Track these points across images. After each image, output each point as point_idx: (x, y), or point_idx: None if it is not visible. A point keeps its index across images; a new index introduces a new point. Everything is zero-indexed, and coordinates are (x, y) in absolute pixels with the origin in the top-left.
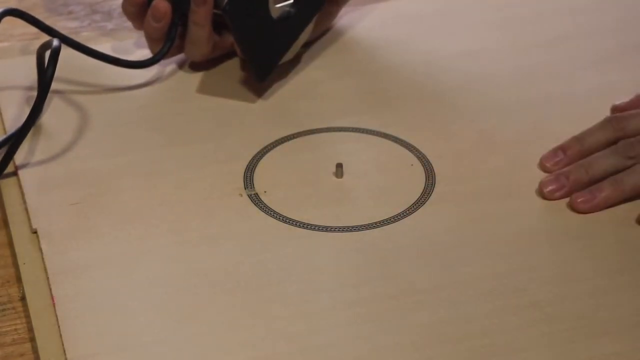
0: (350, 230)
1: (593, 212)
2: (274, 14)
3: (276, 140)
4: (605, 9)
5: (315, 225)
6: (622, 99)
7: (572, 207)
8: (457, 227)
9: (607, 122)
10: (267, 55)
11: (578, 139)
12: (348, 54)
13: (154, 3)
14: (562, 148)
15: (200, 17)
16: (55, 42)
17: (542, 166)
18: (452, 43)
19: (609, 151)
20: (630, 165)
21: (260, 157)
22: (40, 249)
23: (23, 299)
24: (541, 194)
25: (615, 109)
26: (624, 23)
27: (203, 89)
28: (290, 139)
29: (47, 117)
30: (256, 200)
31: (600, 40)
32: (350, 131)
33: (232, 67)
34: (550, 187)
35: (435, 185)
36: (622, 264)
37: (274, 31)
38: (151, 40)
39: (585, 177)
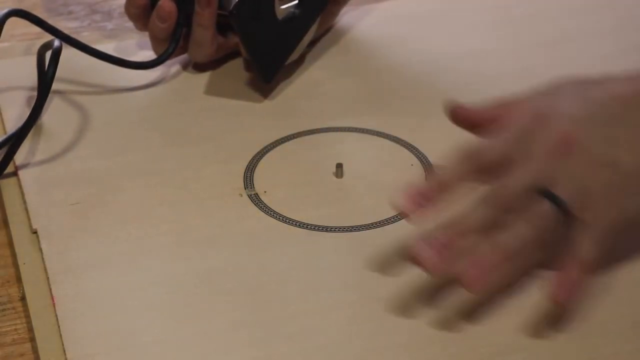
0: (350, 230)
1: (488, 288)
2: (279, 16)
3: (276, 140)
4: (605, 10)
5: (315, 225)
6: None
7: (465, 286)
8: None
9: (462, 158)
10: (273, 57)
11: (436, 176)
12: (348, 54)
13: (159, 3)
14: (419, 191)
15: (205, 19)
16: (57, 42)
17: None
18: (452, 43)
19: (476, 205)
20: (501, 212)
21: (260, 157)
22: (40, 249)
23: (23, 299)
24: (418, 265)
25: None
26: (624, 23)
27: (205, 89)
28: (290, 139)
29: (48, 117)
30: (256, 200)
31: (600, 41)
32: (350, 131)
33: (235, 68)
34: (430, 262)
35: None
36: (622, 264)
37: (279, 32)
38: (156, 41)
39: (460, 239)
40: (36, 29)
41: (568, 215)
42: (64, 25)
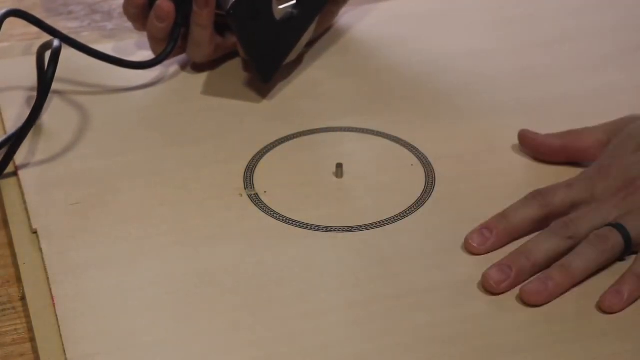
0: (350, 230)
1: (547, 302)
2: (277, 16)
3: (276, 140)
4: (605, 9)
5: (315, 225)
6: (622, 99)
7: (525, 300)
8: (457, 227)
9: (531, 198)
10: (271, 57)
11: (503, 215)
12: (348, 54)
13: (157, 3)
14: (487, 227)
15: (203, 18)
16: (56, 42)
17: (468, 247)
18: (452, 43)
19: (545, 234)
20: (569, 245)
21: (260, 157)
22: (40, 249)
23: (23, 299)
24: (486, 287)
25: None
26: (624, 23)
27: (204, 89)
28: (290, 139)
29: (47, 117)
30: (256, 200)
31: (600, 40)
32: (350, 131)
33: (234, 68)
34: (495, 279)
35: (435, 185)
36: (622, 264)
37: (277, 32)
38: (154, 41)
39: (527, 264)
40: (35, 29)
41: (632, 245)
42: (64, 25)
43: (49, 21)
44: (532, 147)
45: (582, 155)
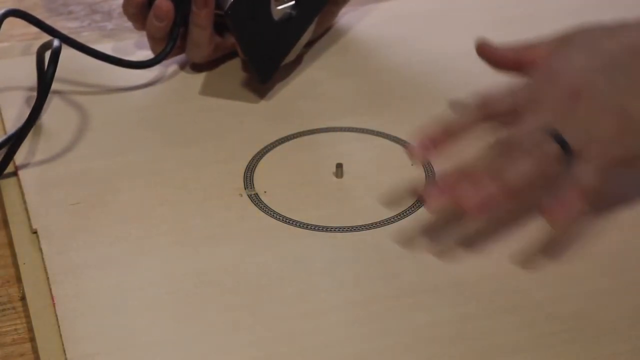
0: (350, 230)
1: (483, 209)
2: (276, 16)
3: (276, 140)
4: (605, 9)
5: (315, 225)
6: None
7: (462, 205)
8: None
9: (475, 108)
10: (269, 57)
11: (447, 132)
12: (348, 54)
13: (156, 2)
14: (427, 139)
15: (202, 19)
16: (56, 42)
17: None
18: (452, 43)
19: (489, 159)
20: None
21: (260, 157)
22: (40, 249)
23: (23, 299)
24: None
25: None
26: None
27: (203, 89)
28: (290, 139)
29: (47, 117)
30: (256, 200)
31: None
32: (350, 131)
33: (233, 68)
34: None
35: None
36: (622, 264)
37: (275, 33)
38: (153, 40)
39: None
40: (35, 29)
41: (572, 154)
42: (64, 25)
43: (49, 21)
44: (489, 58)
45: (536, 65)
